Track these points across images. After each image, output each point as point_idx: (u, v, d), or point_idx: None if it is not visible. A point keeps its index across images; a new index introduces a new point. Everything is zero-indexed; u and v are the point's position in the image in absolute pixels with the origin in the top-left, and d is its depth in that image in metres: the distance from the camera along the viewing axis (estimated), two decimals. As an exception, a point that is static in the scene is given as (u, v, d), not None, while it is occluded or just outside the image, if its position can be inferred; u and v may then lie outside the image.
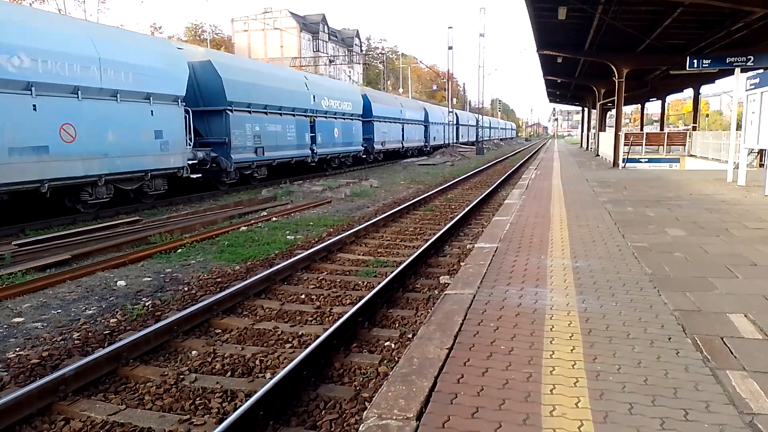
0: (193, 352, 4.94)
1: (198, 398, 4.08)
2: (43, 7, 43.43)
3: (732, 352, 3.50)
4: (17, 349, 5.02)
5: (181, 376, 4.40)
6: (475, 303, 4.52)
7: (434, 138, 44.65)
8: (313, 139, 23.24)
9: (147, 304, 6.32)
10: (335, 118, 25.61)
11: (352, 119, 27.65)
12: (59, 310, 6.13)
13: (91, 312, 6.08)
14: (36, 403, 3.86)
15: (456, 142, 52.49)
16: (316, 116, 23.43)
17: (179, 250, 9.05)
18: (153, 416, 3.82)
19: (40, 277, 7.32)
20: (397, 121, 35.57)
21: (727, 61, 15.06)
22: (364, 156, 30.00)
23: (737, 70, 14.85)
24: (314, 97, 23.28)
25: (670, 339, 3.73)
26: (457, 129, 55.36)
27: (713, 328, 3.92)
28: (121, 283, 7.19)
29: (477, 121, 57.81)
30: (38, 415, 3.86)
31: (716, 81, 28.15)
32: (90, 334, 5.39)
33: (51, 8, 43.93)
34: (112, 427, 3.72)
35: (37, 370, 4.56)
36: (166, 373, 4.46)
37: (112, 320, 5.80)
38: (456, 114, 56.30)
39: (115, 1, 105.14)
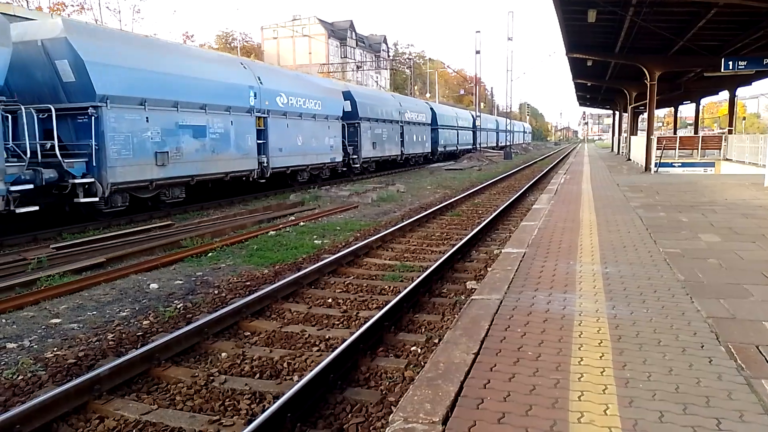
0: (223, 354, 5.03)
1: (227, 399, 4.16)
2: (80, 17, 44.88)
3: (768, 361, 3.41)
4: (55, 349, 5.18)
5: (211, 378, 4.48)
6: (502, 308, 4.49)
7: (480, 142, 51.19)
8: (402, 143, 31.22)
9: (178, 306, 6.45)
10: (415, 125, 33.72)
11: (424, 127, 35.70)
12: (94, 312, 6.31)
13: (124, 314, 6.25)
14: (72, 401, 3.98)
15: (496, 146, 56.71)
16: (403, 125, 31.48)
17: (210, 254, 9.22)
18: (184, 416, 3.90)
19: (76, 279, 7.55)
20: (454, 128, 42.76)
21: (765, 62, 14.66)
22: (431, 156, 37.53)
23: (775, 71, 14.43)
24: (403, 111, 31.49)
25: (702, 347, 3.65)
26: (497, 134, 60.88)
27: (748, 336, 3.82)
28: (154, 285, 7.36)
29: (512, 125, 58.52)
30: (74, 413, 3.98)
31: (753, 83, 27.38)
32: (124, 335, 5.53)
33: (88, 18, 45.33)
34: (144, 426, 3.81)
35: (74, 370, 4.70)
36: (196, 374, 4.55)
37: (144, 322, 5.95)
38: (496, 120, 62.27)
39: (148, 11, 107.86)
